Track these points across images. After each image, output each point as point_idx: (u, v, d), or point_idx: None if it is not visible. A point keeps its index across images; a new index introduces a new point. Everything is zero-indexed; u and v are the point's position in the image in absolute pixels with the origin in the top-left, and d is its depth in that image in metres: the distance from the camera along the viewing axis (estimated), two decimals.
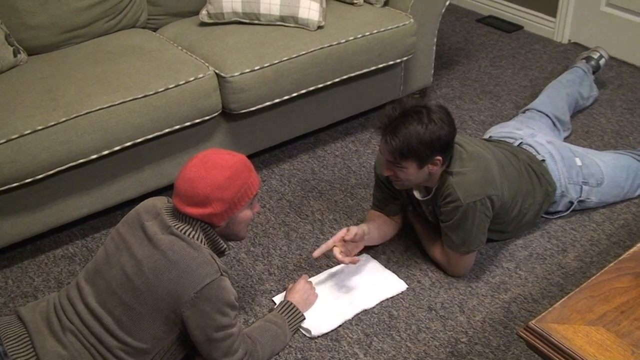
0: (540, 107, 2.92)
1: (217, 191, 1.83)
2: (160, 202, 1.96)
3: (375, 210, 2.52)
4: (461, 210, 2.19)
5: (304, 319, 2.20)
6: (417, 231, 2.51)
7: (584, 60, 3.31)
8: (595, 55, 3.32)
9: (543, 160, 2.51)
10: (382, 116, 2.14)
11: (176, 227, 1.85)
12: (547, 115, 2.88)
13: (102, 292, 1.85)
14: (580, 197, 2.58)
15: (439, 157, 2.14)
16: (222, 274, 1.84)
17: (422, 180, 2.22)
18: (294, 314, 2.16)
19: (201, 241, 1.86)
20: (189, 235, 1.84)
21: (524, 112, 2.95)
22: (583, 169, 2.57)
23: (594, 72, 3.30)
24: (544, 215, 2.60)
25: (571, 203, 2.59)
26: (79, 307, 1.86)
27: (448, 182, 2.20)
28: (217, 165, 1.84)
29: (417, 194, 2.35)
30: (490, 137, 2.68)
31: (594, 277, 1.62)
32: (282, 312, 2.15)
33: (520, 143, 2.57)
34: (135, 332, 1.82)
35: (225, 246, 1.95)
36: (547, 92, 3.06)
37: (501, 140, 2.60)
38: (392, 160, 2.14)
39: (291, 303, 2.18)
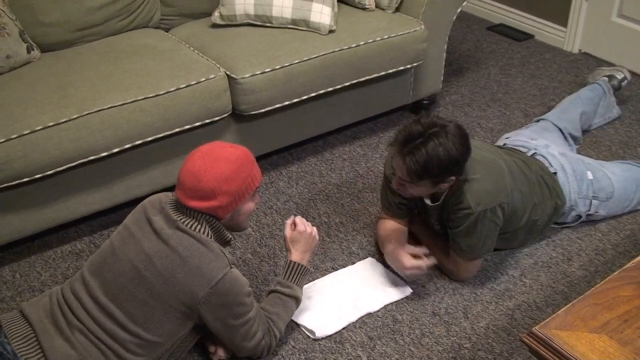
0: (554, 120, 2.89)
1: (223, 184, 1.84)
2: (164, 196, 1.97)
3: (386, 214, 2.49)
4: (472, 217, 2.20)
5: (310, 270, 2.18)
6: (421, 238, 2.52)
7: (606, 79, 3.26)
8: (619, 76, 3.27)
9: (555, 173, 2.50)
10: (400, 134, 2.11)
11: (182, 221, 1.86)
12: (560, 130, 2.87)
13: (111, 286, 1.85)
14: (589, 210, 2.57)
15: (453, 177, 2.14)
16: (231, 267, 1.86)
17: (431, 193, 2.24)
18: (298, 273, 2.12)
19: (207, 234, 1.87)
20: (195, 229, 1.86)
21: (537, 121, 2.93)
22: (594, 183, 2.56)
23: (614, 92, 3.26)
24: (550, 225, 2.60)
25: (579, 216, 2.59)
26: (86, 302, 1.86)
27: (460, 189, 2.20)
28: (221, 158, 1.85)
29: (427, 200, 2.34)
30: (504, 144, 2.68)
31: (598, 285, 1.62)
32: (287, 277, 2.11)
33: (534, 153, 2.56)
34: (149, 326, 1.84)
35: (230, 236, 1.97)
36: (563, 106, 3.04)
37: (515, 149, 2.59)
38: (408, 180, 2.14)
39: (293, 262, 2.13)
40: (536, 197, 2.41)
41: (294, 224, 2.17)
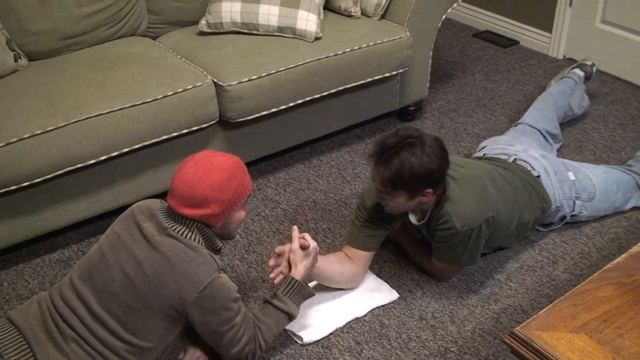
0: (531, 122, 2.93)
1: (216, 192, 1.85)
2: (154, 203, 1.98)
3: (349, 245, 2.39)
4: (457, 236, 2.20)
5: (312, 293, 2.15)
6: (405, 246, 2.53)
7: (577, 68, 3.31)
8: (589, 63, 3.34)
9: (538, 176, 2.52)
10: (376, 144, 2.12)
11: (172, 228, 1.86)
12: (538, 131, 2.90)
13: (102, 293, 1.85)
14: (573, 211, 2.60)
15: (430, 190, 2.13)
16: (220, 272, 1.86)
17: (413, 208, 2.23)
18: (297, 291, 2.10)
19: (198, 241, 1.88)
20: (185, 236, 1.86)
21: (515, 126, 2.96)
22: (576, 184, 2.59)
23: (586, 79, 3.31)
24: (537, 228, 2.62)
25: (564, 217, 2.61)
26: (79, 310, 1.85)
27: (444, 210, 2.19)
28: (214, 166, 1.87)
29: (412, 219, 2.33)
30: (484, 154, 2.69)
31: (578, 286, 1.65)
32: (286, 292, 2.09)
33: (515, 159, 2.57)
34: (140, 332, 1.84)
35: (221, 245, 1.98)
36: (537, 105, 3.07)
37: (495, 158, 2.60)
38: (383, 190, 2.14)
39: (295, 280, 2.11)
40: (522, 200, 2.42)
41: (304, 239, 2.14)
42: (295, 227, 2.19)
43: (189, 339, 2.01)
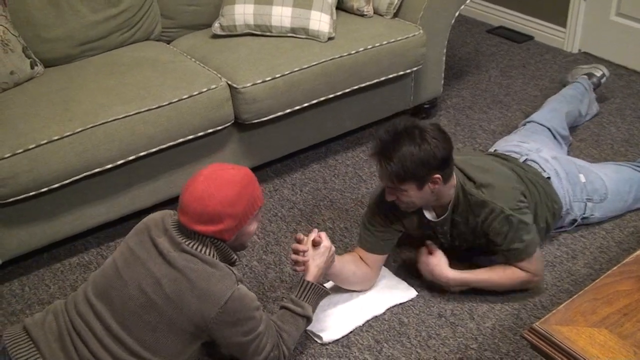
0: (541, 121, 2.90)
1: (228, 208, 1.82)
2: (167, 216, 1.93)
3: (361, 248, 2.37)
4: (512, 220, 2.17)
5: (328, 292, 2.15)
6: (476, 277, 2.34)
7: (585, 77, 3.28)
8: (598, 73, 3.30)
9: (549, 178, 2.50)
10: (375, 141, 2.12)
11: (187, 244, 1.83)
12: (548, 129, 2.87)
13: (120, 312, 1.81)
14: (584, 214, 2.57)
15: (437, 175, 2.10)
16: (238, 283, 1.85)
17: (428, 199, 2.20)
18: (312, 292, 2.09)
19: (213, 256, 1.85)
20: (201, 251, 1.83)
21: (524, 125, 2.94)
22: (587, 185, 2.56)
23: (594, 89, 3.29)
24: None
25: (575, 220, 2.58)
26: (97, 328, 1.81)
27: (482, 199, 2.18)
28: (225, 181, 1.84)
29: (428, 215, 2.30)
30: (495, 150, 2.68)
31: (597, 280, 1.64)
32: (301, 296, 2.08)
33: (526, 159, 2.55)
34: (159, 349, 1.81)
35: (235, 257, 1.95)
36: (549, 106, 3.05)
37: (506, 156, 2.58)
38: (392, 185, 2.12)
39: (307, 282, 2.10)
40: (534, 197, 2.39)
41: (319, 237, 2.13)
42: (314, 230, 2.17)
43: (204, 347, 2.00)
